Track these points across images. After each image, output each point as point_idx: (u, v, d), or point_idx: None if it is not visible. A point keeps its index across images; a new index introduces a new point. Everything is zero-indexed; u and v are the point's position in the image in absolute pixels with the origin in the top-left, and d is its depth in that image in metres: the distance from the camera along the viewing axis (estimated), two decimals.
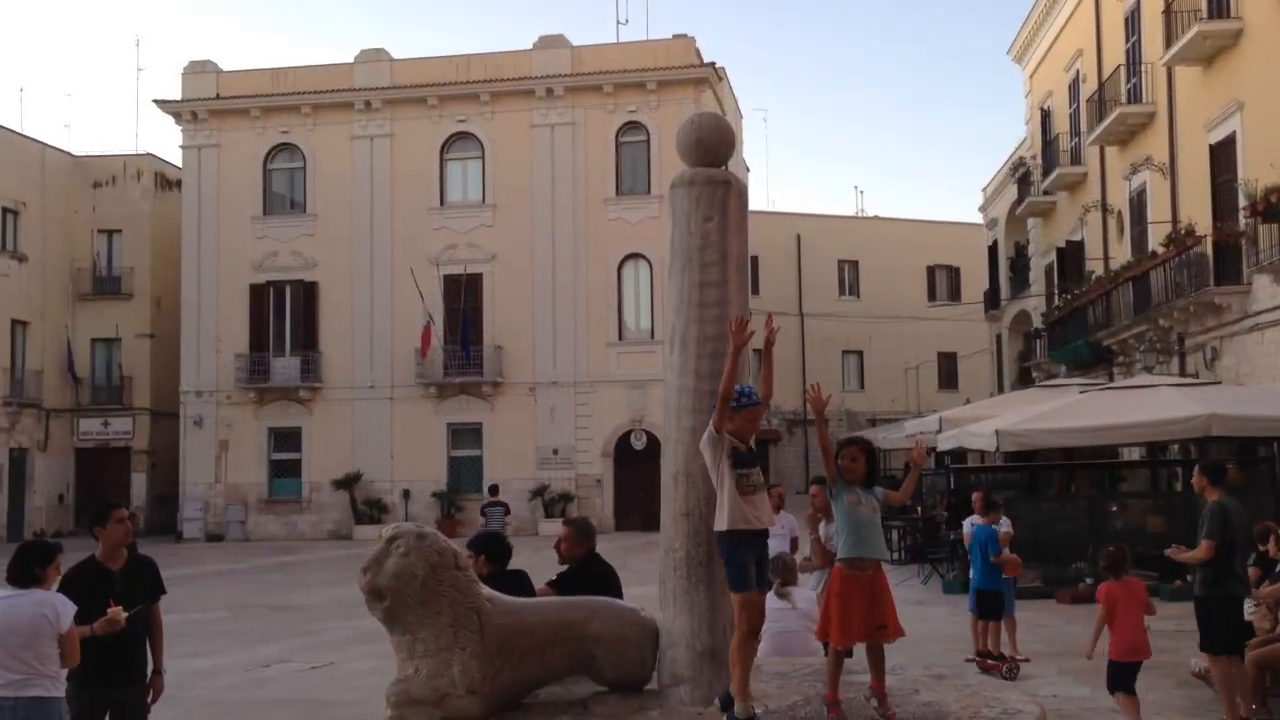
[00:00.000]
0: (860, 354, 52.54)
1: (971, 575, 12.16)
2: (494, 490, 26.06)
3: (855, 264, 53.10)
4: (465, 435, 36.21)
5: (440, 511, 34.47)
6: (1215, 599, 8.44)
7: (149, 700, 6.46)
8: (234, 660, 13.35)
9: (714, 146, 6.72)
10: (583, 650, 6.31)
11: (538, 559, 7.59)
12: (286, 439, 36.96)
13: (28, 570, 5.55)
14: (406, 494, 35.49)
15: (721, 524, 5.60)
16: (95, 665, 5.86)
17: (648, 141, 35.94)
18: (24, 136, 39.00)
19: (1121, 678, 8.17)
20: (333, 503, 35.97)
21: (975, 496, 12.55)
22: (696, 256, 6.58)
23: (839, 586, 5.89)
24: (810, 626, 7.83)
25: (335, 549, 31.64)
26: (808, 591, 8.14)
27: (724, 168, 6.88)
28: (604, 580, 7.32)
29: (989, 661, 11.25)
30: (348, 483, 35.44)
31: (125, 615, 6.06)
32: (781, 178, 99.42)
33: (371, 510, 35.28)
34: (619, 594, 7.11)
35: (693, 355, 6.49)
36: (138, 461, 39.72)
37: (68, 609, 5.55)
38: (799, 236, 51.09)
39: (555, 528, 32.25)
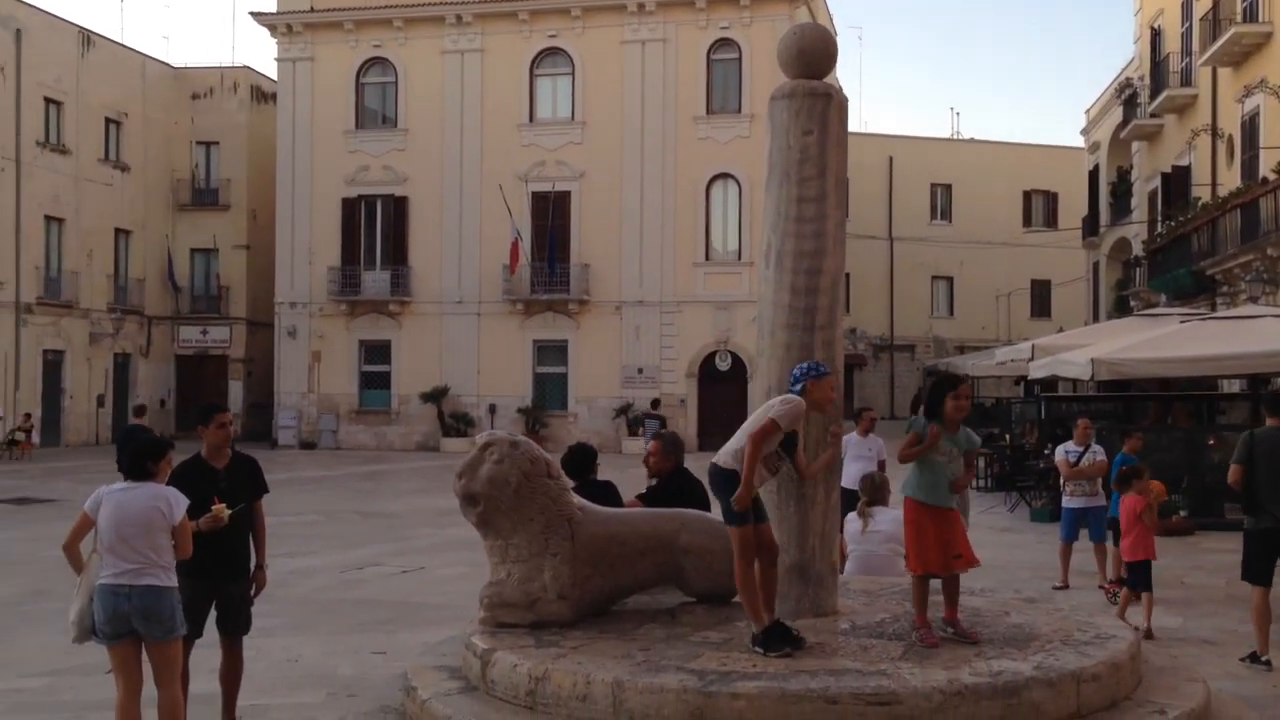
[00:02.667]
0: (950, 280, 51.66)
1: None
2: (655, 404, 26.30)
3: (948, 188, 52.00)
4: (550, 352, 36.51)
5: (525, 428, 34.93)
6: (1247, 529, 8.50)
7: (252, 593, 6.70)
8: (328, 562, 13.77)
9: (816, 58, 6.60)
10: (671, 561, 6.40)
11: (623, 477, 7.65)
12: (376, 351, 37.61)
13: (141, 464, 5.75)
14: (492, 409, 35.98)
15: (731, 463, 5.62)
16: (202, 558, 6.08)
17: (739, 59, 35.35)
18: (125, 47, 39.64)
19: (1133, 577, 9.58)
20: (421, 415, 36.63)
21: (1081, 423, 12.30)
22: (794, 171, 6.51)
23: (913, 515, 5.88)
24: (895, 549, 7.82)
25: (423, 460, 32.32)
26: (892, 512, 8.10)
27: (825, 80, 6.76)
28: (692, 494, 7.37)
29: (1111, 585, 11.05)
30: (435, 396, 36.03)
31: (229, 512, 6.26)
32: (874, 98, 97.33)
33: (458, 424, 35.87)
34: (706, 508, 7.16)
35: (788, 271, 6.45)
36: (234, 370, 40.82)
37: (180, 502, 5.74)
38: (891, 159, 50.10)
39: (638, 445, 32.64)
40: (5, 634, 9.64)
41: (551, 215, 35.54)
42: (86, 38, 37.63)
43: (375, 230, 37.44)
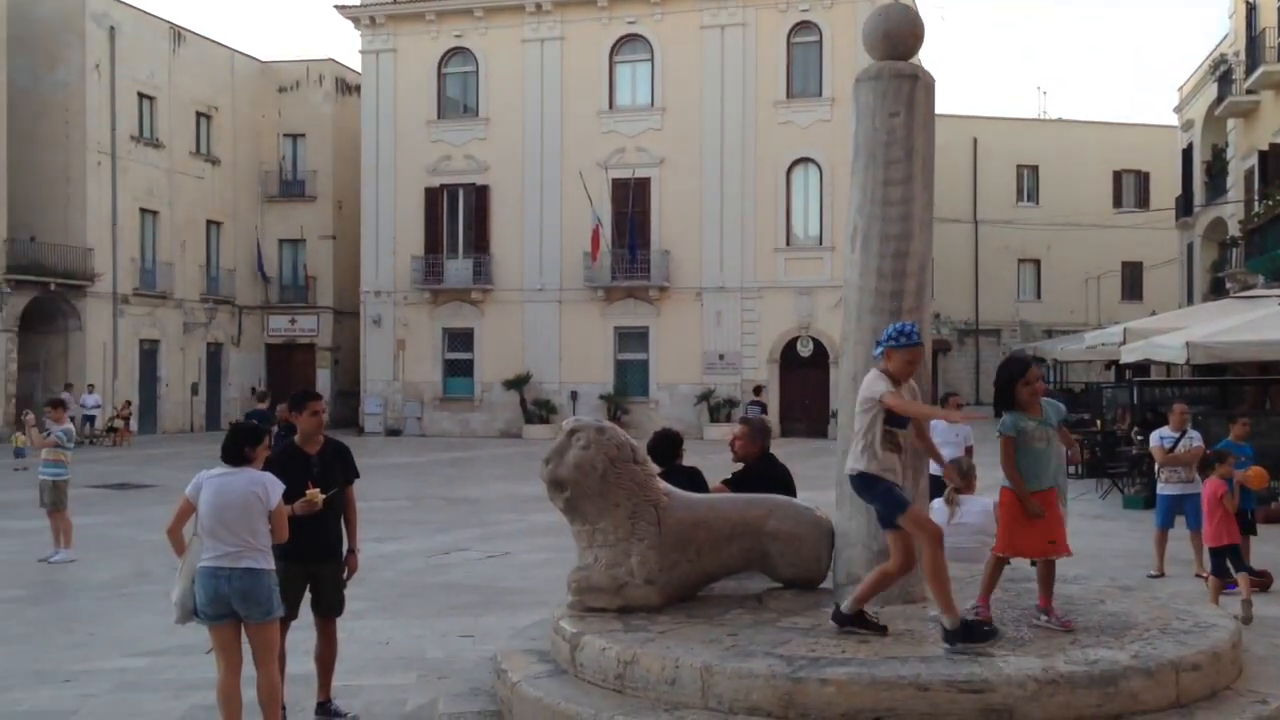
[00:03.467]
0: (1038, 263, 50.67)
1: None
2: (757, 390, 26.39)
3: (1035, 169, 50.98)
4: (632, 339, 36.60)
5: (607, 414, 35.06)
6: None
7: (345, 576, 6.83)
8: (415, 546, 13.98)
9: (902, 39, 6.51)
10: (759, 547, 6.39)
11: (705, 463, 7.65)
12: (459, 339, 38.04)
13: (239, 450, 5.89)
14: (574, 396, 36.20)
15: (859, 466, 5.46)
16: (296, 541, 6.21)
17: (820, 42, 35.02)
18: (215, 43, 40.50)
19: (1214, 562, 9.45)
20: (503, 402, 36.98)
21: (1177, 409, 11.98)
22: (881, 153, 6.43)
23: (1009, 498, 5.76)
24: (984, 541, 7.69)
25: (506, 447, 32.64)
26: (981, 502, 7.96)
27: (911, 61, 6.67)
28: (778, 479, 7.34)
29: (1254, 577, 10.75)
30: (518, 383, 36.34)
31: (322, 497, 6.39)
32: (958, 79, 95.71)
33: (540, 410, 36.15)
34: (793, 494, 7.13)
35: (875, 254, 6.38)
36: (322, 358, 41.60)
37: (277, 487, 5.88)
38: (975, 140, 49.24)
39: (719, 432, 32.59)
40: (109, 615, 9.96)
41: (631, 202, 35.59)
42: (177, 34, 38.52)
43: (458, 219, 37.84)
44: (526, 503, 18.16)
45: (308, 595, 6.67)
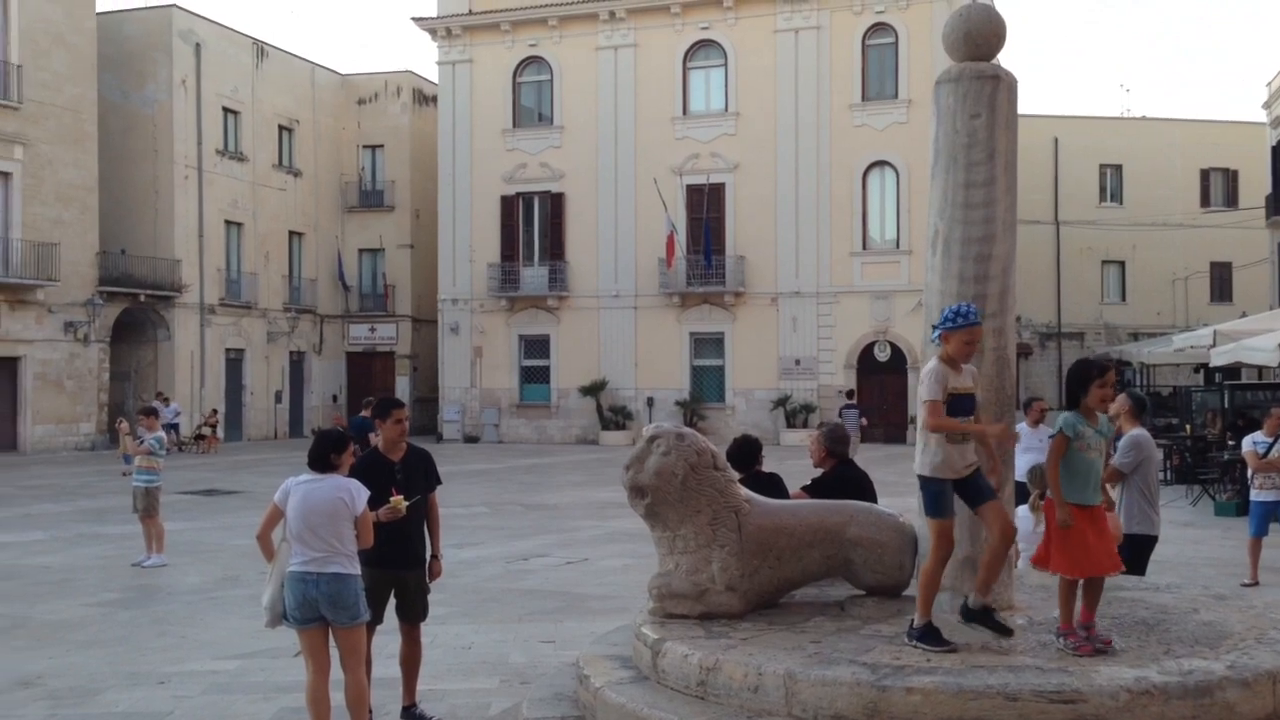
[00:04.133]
0: (1122, 264, 49.62)
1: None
2: (850, 394, 26.39)
3: (1118, 168, 49.94)
4: (707, 344, 36.58)
5: (683, 420, 35.07)
6: None
7: (429, 582, 6.91)
8: (495, 552, 14.10)
9: (984, 39, 6.42)
10: (840, 554, 6.33)
11: (781, 469, 7.62)
12: (536, 346, 38.32)
13: (325, 457, 5.99)
14: (650, 402, 36.26)
15: (924, 469, 5.38)
16: (381, 548, 6.30)
17: (895, 43, 34.74)
18: (297, 57, 41.33)
19: None
20: (580, 408, 37.17)
21: (1275, 413, 11.65)
22: (962, 156, 6.36)
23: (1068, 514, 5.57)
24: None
25: (583, 453, 32.79)
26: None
27: (993, 61, 6.58)
28: (858, 485, 7.29)
29: None
30: (594, 389, 36.51)
31: (406, 504, 6.47)
32: (1038, 78, 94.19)
33: (616, 417, 36.27)
34: (873, 499, 7.07)
35: (955, 258, 6.30)
36: (401, 365, 42.19)
37: (362, 493, 5.97)
38: (1056, 139, 48.38)
39: (797, 437, 32.45)
40: (199, 618, 10.19)
41: (706, 207, 35.59)
42: (260, 49, 39.37)
43: (533, 227, 38.14)
44: (604, 509, 18.23)
45: (393, 601, 6.76)
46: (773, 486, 7.13)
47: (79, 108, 32.72)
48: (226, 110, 37.90)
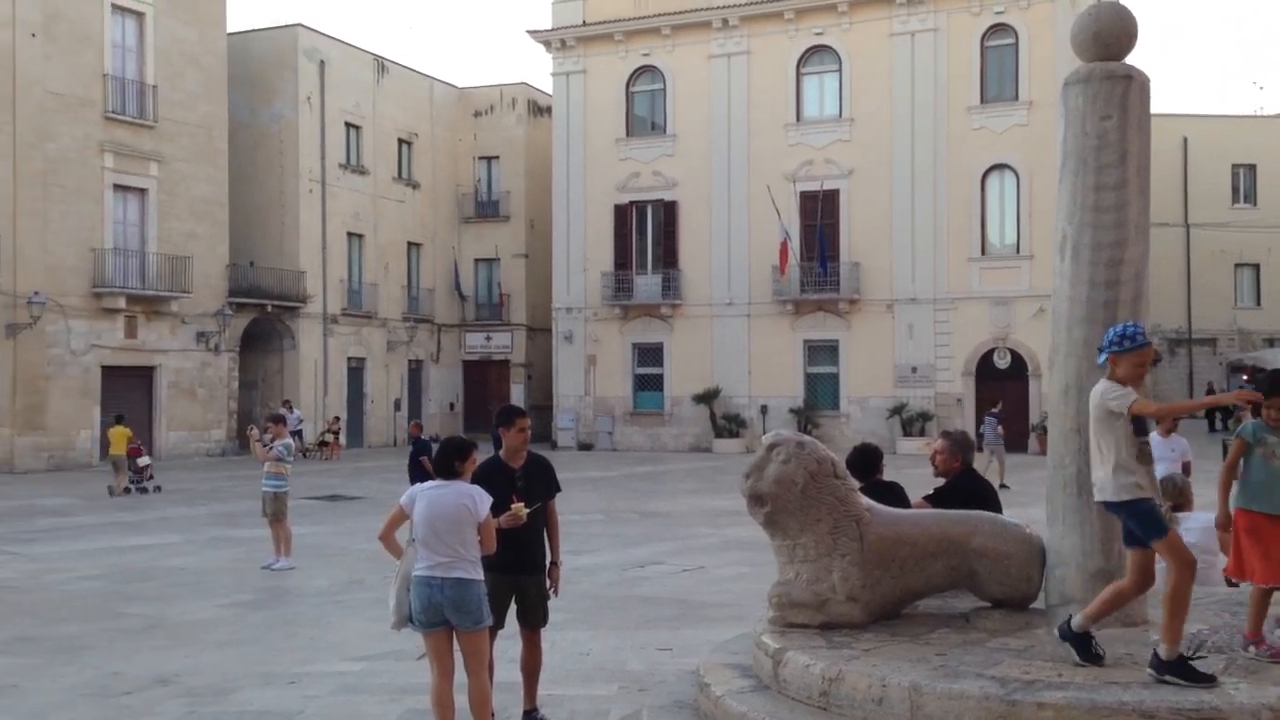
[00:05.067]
0: (1256, 267, 47.77)
1: None
2: (995, 403, 26.11)
3: (1252, 168, 48.11)
4: (822, 352, 36.27)
5: (797, 428, 34.83)
6: None
7: (550, 588, 6.98)
8: (611, 559, 14.18)
9: (1115, 38, 6.27)
10: (965, 565, 6.22)
11: (899, 478, 7.51)
12: (649, 354, 38.46)
13: (449, 464, 6.11)
14: (764, 410, 36.08)
15: (1125, 493, 5.07)
16: (503, 554, 6.38)
17: (1015, 44, 34.01)
18: (416, 72, 42.26)
19: None
20: (693, 416, 37.17)
21: None
22: (1092, 158, 6.21)
23: (1248, 524, 5.40)
24: (1208, 560, 7.28)
25: (696, 461, 32.78)
26: (1202, 518, 7.52)
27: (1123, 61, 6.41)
28: (981, 495, 7.15)
29: None
30: (707, 398, 36.47)
31: (527, 511, 6.55)
32: (1165, 76, 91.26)
33: (730, 425, 36.18)
34: (997, 509, 6.93)
35: (1085, 263, 6.16)
36: (516, 374, 42.75)
37: (485, 500, 6.07)
38: (1185, 140, 46.84)
39: (913, 446, 31.96)
40: (326, 620, 10.46)
41: (820, 214, 35.31)
42: (381, 65, 40.35)
43: (646, 235, 38.31)
44: (719, 517, 18.20)
45: (513, 606, 6.84)
46: (893, 496, 7.04)
47: (210, 125, 33.95)
48: (348, 125, 38.91)
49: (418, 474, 15.51)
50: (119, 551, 15.04)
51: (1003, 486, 20.85)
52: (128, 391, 31.64)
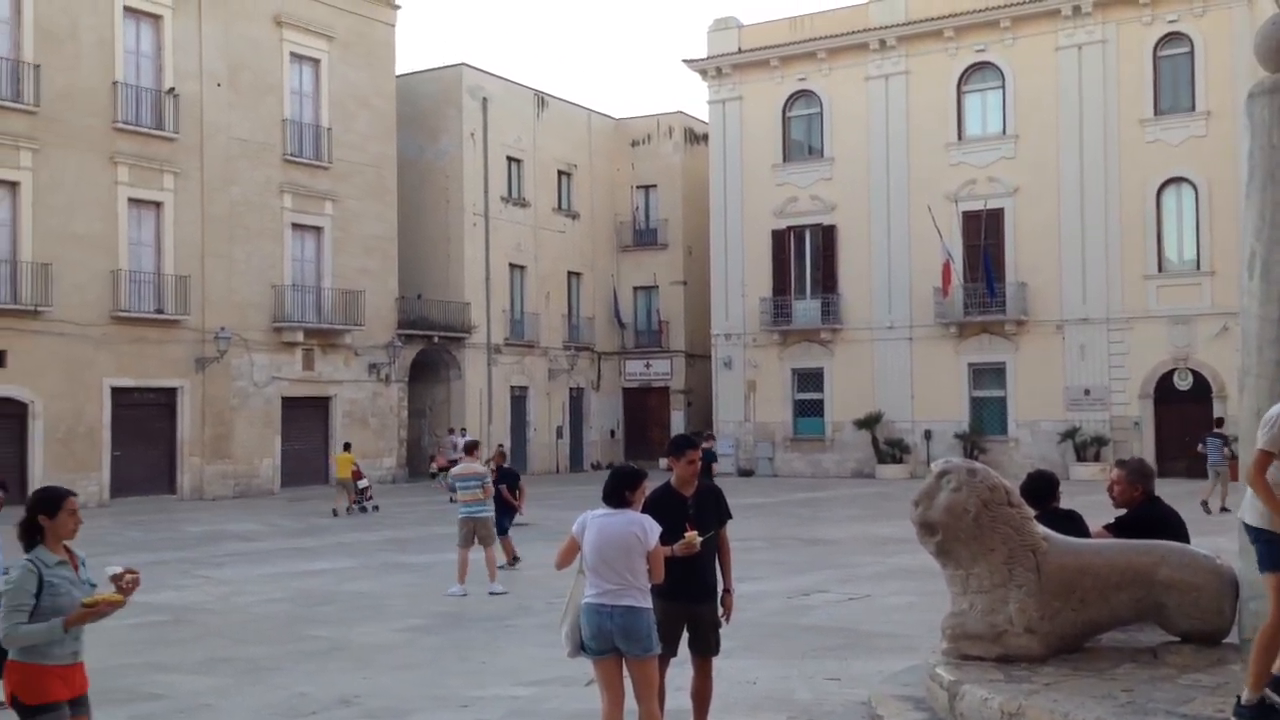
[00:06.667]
0: None
1: None
2: (1219, 422, 25.15)
3: None
4: (987, 375, 35.34)
5: (963, 453, 33.96)
6: None
7: (722, 615, 6.97)
8: (775, 587, 14.06)
9: None
10: (1150, 597, 5.99)
11: (1072, 505, 7.25)
12: (809, 379, 38.13)
13: (619, 492, 6.18)
14: (928, 434, 35.34)
15: (1258, 519, 4.93)
16: (674, 582, 6.40)
17: (1190, 53, 32.65)
18: (574, 105, 43.09)
19: None
20: (855, 441, 36.66)
21: None
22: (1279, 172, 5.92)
23: None
24: None
25: (859, 487, 32.29)
26: None
27: None
28: (1167, 524, 6.85)
29: None
30: (869, 422, 35.93)
31: (700, 539, 6.56)
32: None
33: (893, 450, 35.54)
34: (1185, 539, 6.63)
35: (1276, 281, 5.88)
36: (676, 400, 42.94)
37: (655, 528, 6.11)
38: None
39: (1087, 471, 30.85)
40: (496, 645, 10.68)
41: (984, 234, 34.50)
42: (541, 99, 41.29)
43: (805, 259, 38.08)
44: (884, 544, 17.87)
45: (685, 635, 6.85)
46: (1072, 524, 6.81)
47: (380, 164, 35.30)
48: (510, 159, 39.90)
49: (499, 504, 15.73)
50: (301, 575, 15.67)
51: (1224, 510, 20.02)
52: (305, 421, 33.05)
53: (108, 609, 4.97)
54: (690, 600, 6.71)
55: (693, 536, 6.42)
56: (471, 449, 14.75)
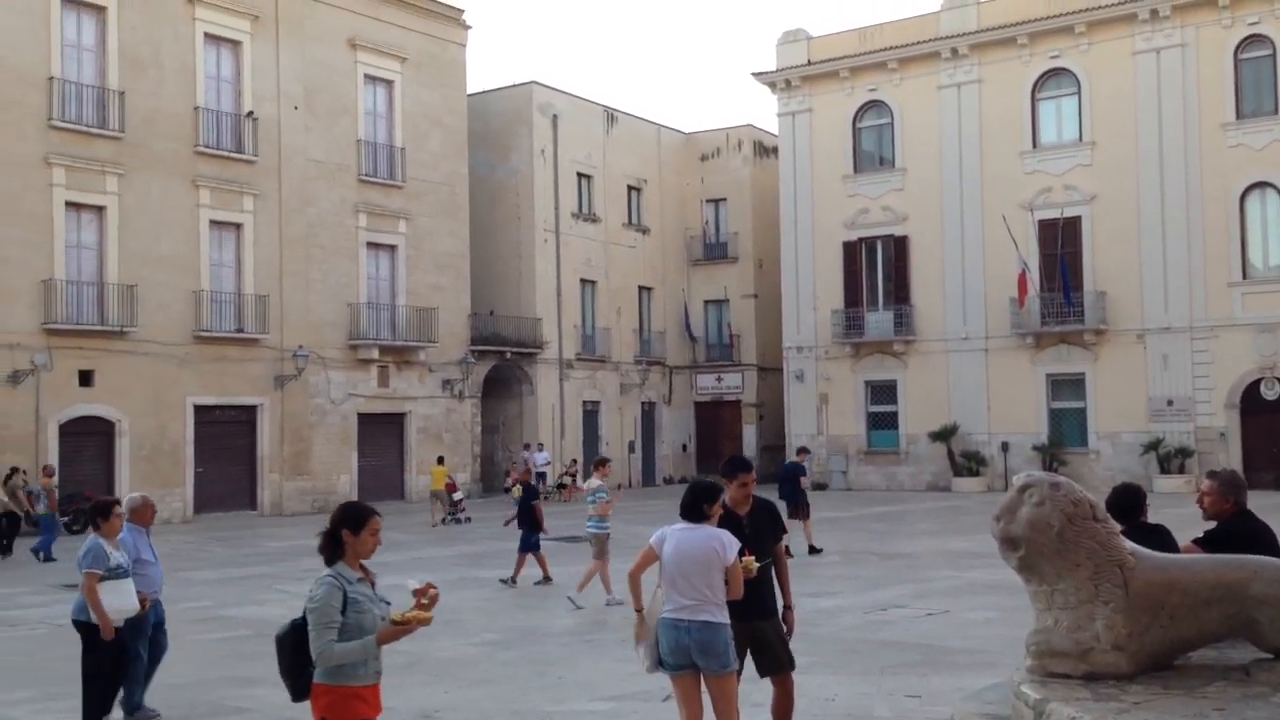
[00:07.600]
0: None
1: None
2: None
3: None
4: (1066, 386, 34.72)
5: (1041, 466, 33.38)
6: None
7: (786, 633, 6.91)
8: (852, 602, 13.93)
9: None
10: (1243, 613, 5.80)
11: (1158, 518, 7.08)
12: (882, 392, 37.78)
13: (698, 507, 6.17)
14: (1005, 447, 34.81)
15: None
16: (736, 601, 6.36)
17: (1273, 55, 31.89)
18: (643, 120, 43.25)
19: None
20: (930, 454, 36.24)
21: None
22: None
23: None
24: None
25: (934, 500, 31.90)
26: None
27: None
28: (1258, 538, 6.66)
29: None
30: (944, 435, 35.49)
31: (757, 565, 6.51)
32: None
33: (969, 463, 35.07)
34: (1277, 554, 6.44)
35: None
36: (747, 414, 42.78)
37: (733, 544, 6.09)
38: None
39: (1171, 484, 30.20)
40: (573, 660, 10.71)
41: (1061, 243, 33.96)
42: (610, 115, 41.51)
43: (876, 271, 37.78)
44: (962, 559, 17.63)
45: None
46: (1159, 540, 6.64)
47: (453, 183, 35.72)
48: (580, 175, 40.13)
49: (527, 520, 16.02)
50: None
51: None
52: (381, 437, 33.49)
53: (417, 626, 4.93)
54: (751, 618, 6.63)
55: (750, 562, 6.36)
56: (603, 464, 15.19)
